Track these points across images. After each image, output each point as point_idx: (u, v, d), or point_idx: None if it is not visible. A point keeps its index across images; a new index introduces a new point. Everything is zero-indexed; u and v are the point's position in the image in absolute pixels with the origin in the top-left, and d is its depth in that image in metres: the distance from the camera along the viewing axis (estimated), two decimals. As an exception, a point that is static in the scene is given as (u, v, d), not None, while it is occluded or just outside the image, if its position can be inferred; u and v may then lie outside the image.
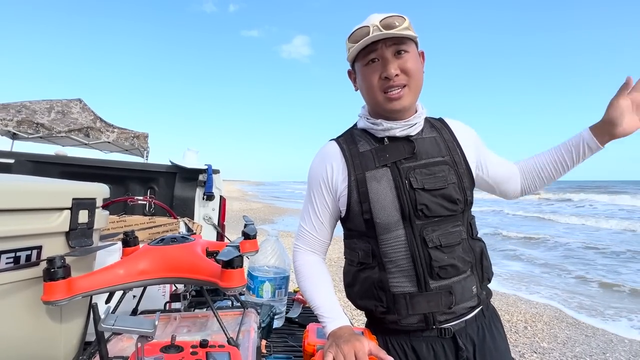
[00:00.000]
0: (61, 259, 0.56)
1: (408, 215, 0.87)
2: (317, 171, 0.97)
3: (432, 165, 0.89)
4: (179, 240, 0.72)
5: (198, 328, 0.75)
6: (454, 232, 0.88)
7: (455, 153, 0.92)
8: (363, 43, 0.86)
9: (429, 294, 0.86)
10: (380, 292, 0.89)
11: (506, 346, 0.96)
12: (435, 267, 0.86)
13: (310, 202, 0.99)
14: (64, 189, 0.63)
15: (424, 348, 0.88)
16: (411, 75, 0.88)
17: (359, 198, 0.90)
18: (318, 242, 0.99)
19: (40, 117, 5.67)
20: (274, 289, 1.14)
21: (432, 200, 0.87)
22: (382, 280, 0.89)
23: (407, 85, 0.88)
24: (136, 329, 0.49)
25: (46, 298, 0.55)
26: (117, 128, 6.30)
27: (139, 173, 1.98)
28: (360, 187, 0.90)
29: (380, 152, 0.91)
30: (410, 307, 0.87)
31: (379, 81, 0.89)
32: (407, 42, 0.88)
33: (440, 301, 0.86)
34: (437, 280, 0.86)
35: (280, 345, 1.00)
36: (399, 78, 0.87)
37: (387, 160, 0.90)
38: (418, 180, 0.87)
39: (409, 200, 0.87)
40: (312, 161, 1.01)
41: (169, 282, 0.70)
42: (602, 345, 3.55)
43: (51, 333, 0.62)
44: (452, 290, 0.86)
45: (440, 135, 0.94)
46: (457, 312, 0.88)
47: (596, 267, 6.67)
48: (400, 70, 0.87)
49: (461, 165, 0.92)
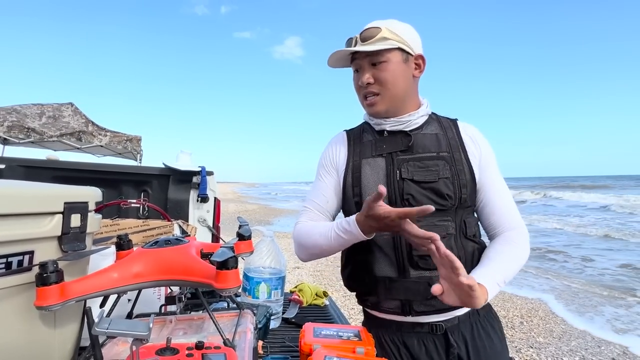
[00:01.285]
0: (54, 264, 0.55)
1: (394, 204, 0.90)
2: (325, 154, 1.07)
3: (427, 159, 0.92)
4: (173, 243, 0.71)
5: (194, 330, 0.74)
6: (440, 225, 0.90)
7: (457, 151, 0.94)
8: (342, 54, 0.96)
9: (407, 281, 0.90)
10: (365, 274, 0.95)
11: (503, 346, 0.96)
12: (415, 256, 0.89)
13: (316, 182, 1.07)
14: (56, 193, 0.63)
15: (415, 344, 0.90)
16: (384, 84, 0.94)
17: (352, 182, 0.97)
18: (319, 217, 1.03)
19: (31, 122, 5.62)
20: (270, 289, 1.14)
21: (419, 191, 0.90)
22: (368, 262, 0.94)
23: (380, 94, 0.95)
24: (130, 332, 0.48)
25: (39, 303, 0.55)
26: (109, 131, 6.26)
27: (133, 176, 1.97)
28: (355, 172, 0.97)
29: (379, 142, 0.98)
30: (388, 292, 0.91)
31: (360, 88, 0.97)
32: (383, 53, 0.93)
33: (418, 290, 0.89)
34: (417, 270, 0.90)
35: (277, 346, 1.00)
36: (371, 86, 0.95)
37: (383, 150, 0.96)
38: (409, 171, 0.91)
39: (397, 189, 0.91)
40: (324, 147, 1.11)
41: (164, 284, 0.69)
42: (597, 338, 3.59)
43: (45, 338, 0.62)
44: (432, 282, 0.85)
45: (444, 133, 0.97)
46: (437, 306, 0.89)
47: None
48: (375, 80, 0.94)
49: (461, 163, 0.93)
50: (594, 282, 5.47)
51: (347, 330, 0.84)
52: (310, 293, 1.43)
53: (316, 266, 6.30)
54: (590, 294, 4.88)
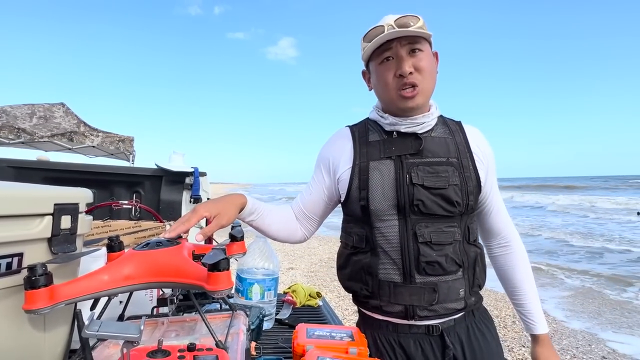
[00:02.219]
0: (43, 266, 0.55)
1: (403, 208, 0.89)
2: (324, 152, 1.04)
3: (437, 164, 0.90)
4: (164, 244, 0.71)
5: (186, 332, 0.74)
6: (448, 231, 0.89)
7: (465, 157, 0.92)
8: (378, 41, 0.88)
9: (412, 287, 0.88)
10: (368, 277, 0.93)
11: (498, 348, 0.97)
12: (422, 262, 0.87)
13: (311, 179, 1.06)
14: (45, 194, 0.62)
15: (411, 345, 0.90)
16: (424, 74, 0.89)
17: (359, 185, 0.93)
18: (299, 211, 1.06)
19: (22, 122, 5.54)
20: (263, 290, 1.14)
21: (429, 197, 0.88)
22: (372, 265, 0.92)
23: (420, 84, 0.89)
24: (121, 334, 0.48)
25: (28, 306, 0.54)
26: (101, 132, 6.20)
27: (124, 177, 1.96)
28: (362, 175, 0.93)
29: (387, 144, 0.93)
30: (392, 296, 0.89)
31: (394, 79, 0.90)
32: (421, 42, 0.89)
33: (422, 296, 0.88)
34: (423, 276, 0.88)
35: (270, 347, 1.00)
36: (413, 76, 0.88)
37: (392, 153, 0.92)
38: (419, 177, 0.88)
39: (407, 194, 0.88)
40: (325, 142, 1.07)
41: (155, 286, 0.69)
42: (588, 337, 3.63)
43: (34, 342, 0.61)
44: (437, 288, 0.88)
45: (452, 137, 0.94)
46: (439, 311, 0.89)
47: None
48: (415, 69, 0.88)
49: (468, 170, 0.91)
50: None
51: (341, 330, 0.84)
52: (304, 294, 1.43)
53: (310, 267, 6.30)
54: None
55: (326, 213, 1.08)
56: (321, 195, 1.03)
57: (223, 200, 0.89)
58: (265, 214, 0.99)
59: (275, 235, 1.04)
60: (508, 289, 1.04)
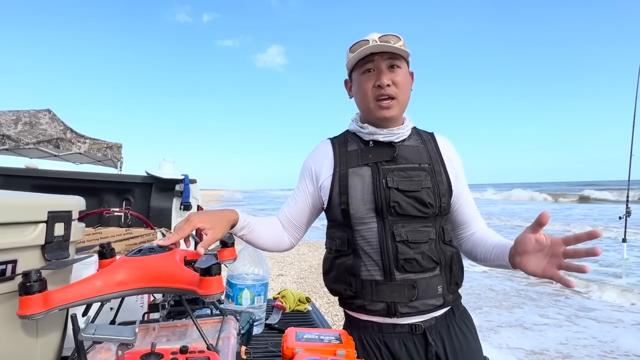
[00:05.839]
0: (37, 273, 0.56)
1: (381, 210, 0.95)
2: (307, 162, 1.11)
3: (410, 169, 0.98)
4: (156, 250, 0.72)
5: (177, 337, 0.75)
6: (423, 231, 0.95)
7: (436, 162, 1.01)
8: (362, 52, 0.97)
9: (393, 284, 0.94)
10: (351, 278, 0.98)
11: (477, 344, 1.02)
12: (401, 260, 0.93)
13: (295, 188, 1.12)
14: (40, 202, 0.63)
15: (396, 344, 0.93)
16: (401, 88, 0.99)
17: (340, 190, 0.99)
18: (286, 219, 1.11)
19: (7, 129, 5.47)
20: (253, 296, 1.16)
21: (404, 200, 0.94)
22: (354, 266, 0.97)
23: (396, 98, 0.98)
24: (116, 336, 0.50)
25: (22, 312, 0.55)
26: (88, 139, 6.15)
27: (114, 184, 1.95)
28: (342, 181, 1.00)
29: (365, 152, 1.01)
30: (375, 294, 0.95)
31: (372, 89, 0.99)
32: (400, 60, 0.99)
33: (403, 292, 0.93)
34: (402, 273, 0.94)
35: (260, 352, 1.01)
36: (390, 88, 0.97)
37: (369, 160, 1.00)
38: (394, 181, 0.95)
39: (384, 197, 0.95)
40: (308, 153, 1.15)
41: (148, 292, 0.70)
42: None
43: (27, 347, 0.62)
44: (416, 284, 0.93)
45: (424, 146, 1.03)
46: (420, 307, 0.94)
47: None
48: (392, 82, 0.97)
49: (440, 174, 0.99)
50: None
51: (329, 333, 0.86)
52: (293, 299, 1.44)
53: (300, 273, 6.29)
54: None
55: (311, 220, 1.14)
56: (306, 203, 1.10)
57: (217, 214, 0.93)
58: (255, 228, 1.04)
59: (264, 247, 1.10)
60: (485, 255, 1.00)
